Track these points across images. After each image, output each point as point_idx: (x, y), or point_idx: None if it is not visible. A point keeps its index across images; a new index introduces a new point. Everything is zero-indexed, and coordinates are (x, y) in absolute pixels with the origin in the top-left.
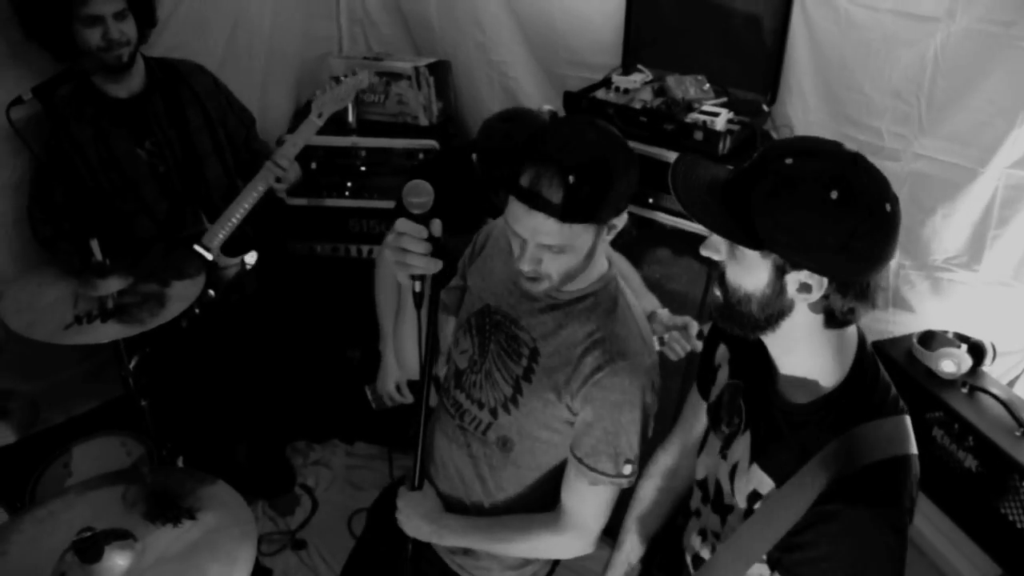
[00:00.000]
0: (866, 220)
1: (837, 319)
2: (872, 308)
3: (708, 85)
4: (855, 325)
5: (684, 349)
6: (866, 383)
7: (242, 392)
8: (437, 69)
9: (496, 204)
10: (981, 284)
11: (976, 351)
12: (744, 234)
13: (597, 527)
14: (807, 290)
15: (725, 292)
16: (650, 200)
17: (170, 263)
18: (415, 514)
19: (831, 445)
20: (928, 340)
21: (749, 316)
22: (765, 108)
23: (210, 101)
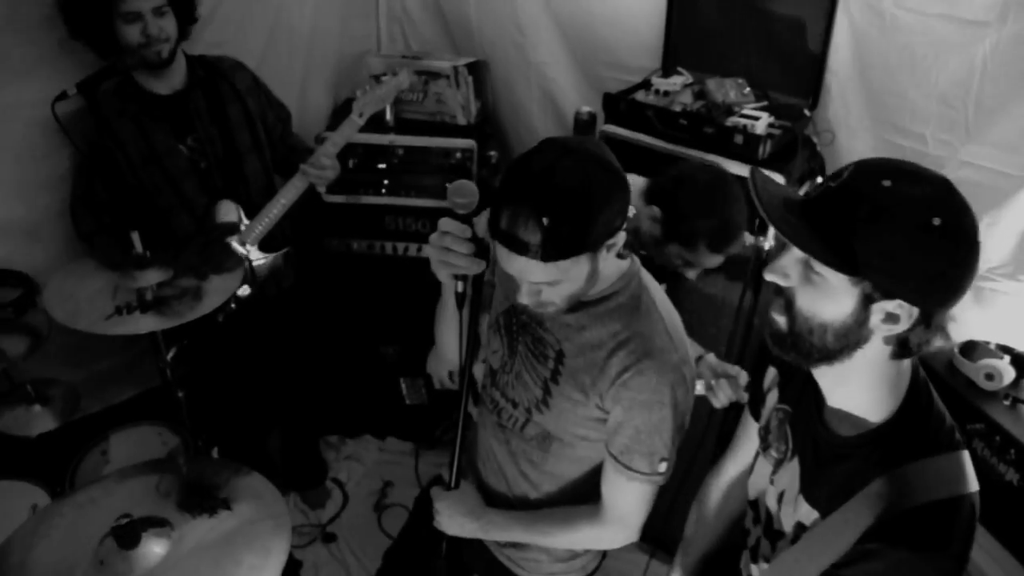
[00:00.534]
0: (964, 248)
1: (908, 351)
2: (947, 340)
3: (749, 88)
4: None
5: (729, 399)
6: (919, 417)
7: (277, 386)
8: (476, 69)
9: None
10: None
11: (1019, 362)
12: (838, 258)
13: (639, 519)
14: (893, 320)
15: (792, 320)
16: None
17: (208, 258)
18: (457, 513)
19: (877, 483)
20: (970, 351)
21: (820, 347)
22: (806, 112)
23: (250, 97)
